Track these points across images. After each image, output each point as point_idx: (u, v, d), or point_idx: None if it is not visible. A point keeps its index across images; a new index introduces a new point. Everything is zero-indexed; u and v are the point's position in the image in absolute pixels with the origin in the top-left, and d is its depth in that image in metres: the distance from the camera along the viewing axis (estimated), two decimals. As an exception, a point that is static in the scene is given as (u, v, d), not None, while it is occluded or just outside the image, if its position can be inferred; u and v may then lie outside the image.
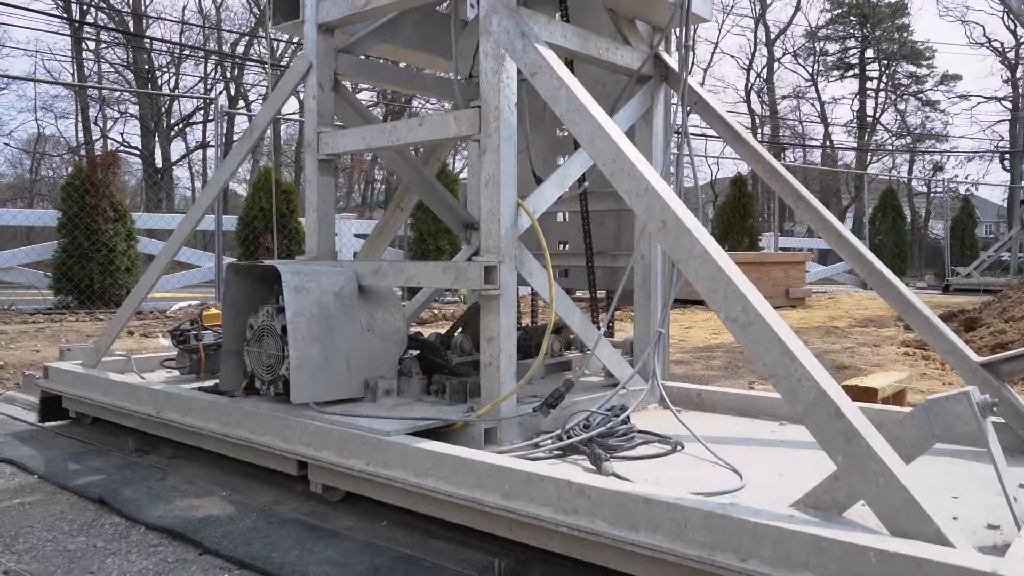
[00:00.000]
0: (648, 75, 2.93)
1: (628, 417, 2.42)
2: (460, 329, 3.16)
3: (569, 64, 3.08)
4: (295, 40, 33.84)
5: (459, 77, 2.79)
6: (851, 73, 49.92)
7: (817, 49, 48.97)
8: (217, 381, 2.83)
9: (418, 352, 2.84)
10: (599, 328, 3.31)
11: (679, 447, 2.34)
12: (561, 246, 3.38)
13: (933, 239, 40.39)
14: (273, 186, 10.13)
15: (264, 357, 2.56)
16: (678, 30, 2.85)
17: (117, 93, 34.52)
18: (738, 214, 14.74)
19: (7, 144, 41.96)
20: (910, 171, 45.57)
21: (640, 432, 2.45)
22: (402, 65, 3.71)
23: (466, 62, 2.82)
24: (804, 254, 11.41)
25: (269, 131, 26.31)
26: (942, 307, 11.17)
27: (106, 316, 8.47)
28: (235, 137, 34.62)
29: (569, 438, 2.31)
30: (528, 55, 2.22)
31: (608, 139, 2.00)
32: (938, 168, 42.95)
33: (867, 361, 5.45)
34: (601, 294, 3.28)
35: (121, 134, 34.79)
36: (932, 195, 45.71)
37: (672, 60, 2.96)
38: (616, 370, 2.79)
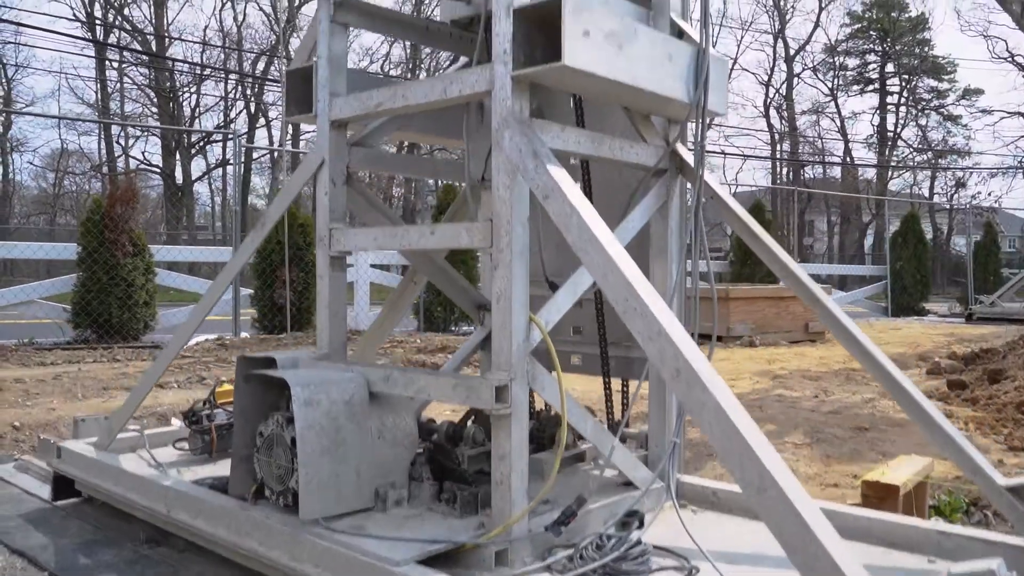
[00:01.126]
0: (664, 168, 2.90)
1: (641, 538, 2.37)
2: (472, 418, 3.13)
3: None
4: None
5: (471, 178, 2.77)
6: (871, 88, 49.63)
7: (836, 64, 48.74)
8: (229, 465, 2.80)
9: (430, 450, 2.81)
10: (613, 416, 3.27)
11: (695, 572, 2.29)
12: (575, 333, 3.35)
13: (956, 255, 39.96)
14: (286, 223, 10.16)
15: (274, 468, 2.54)
16: (693, 124, 2.81)
17: (140, 111, 34.97)
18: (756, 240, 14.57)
19: (31, 163, 42.59)
20: (931, 188, 45.14)
21: (656, 548, 2.40)
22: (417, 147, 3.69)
23: (478, 165, 2.80)
24: (825, 288, 11.27)
25: (287, 152, 26.49)
26: (966, 341, 11.01)
27: (124, 355, 8.52)
28: (254, 158, 34.93)
29: (582, 559, 2.27)
30: (540, 177, 2.19)
31: (620, 276, 1.96)
32: (960, 185, 42.51)
33: (888, 421, 5.36)
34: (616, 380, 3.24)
35: (143, 152, 35.15)
36: (954, 211, 45.26)
37: (687, 154, 2.92)
38: (632, 474, 2.75)
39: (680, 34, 2.92)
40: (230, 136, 29.83)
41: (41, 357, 8.19)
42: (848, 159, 46.80)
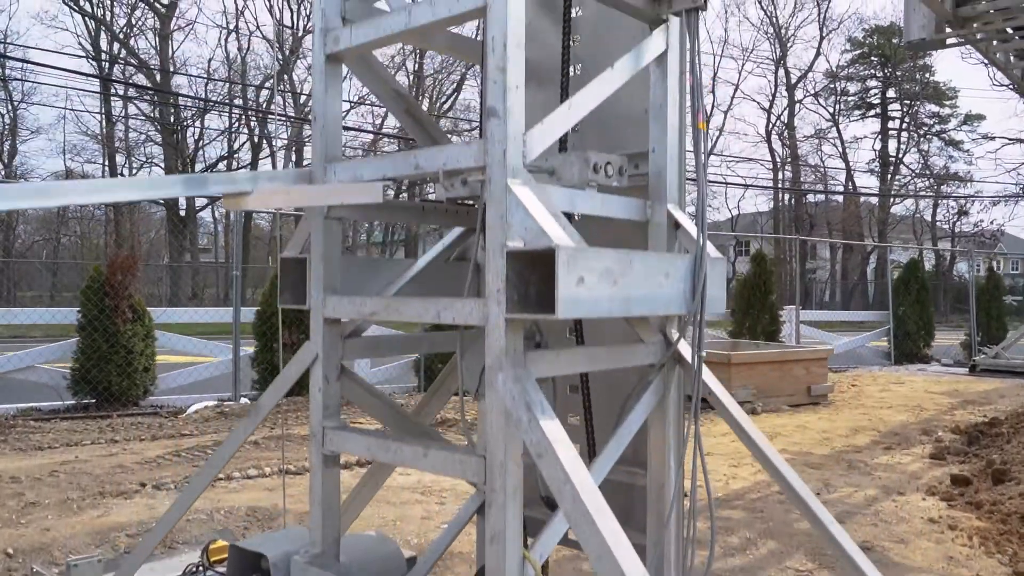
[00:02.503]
0: (662, 363, 2.86)
1: None
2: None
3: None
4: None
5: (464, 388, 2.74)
6: (872, 113, 49.75)
7: (838, 89, 48.88)
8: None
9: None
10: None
11: None
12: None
13: (959, 281, 39.85)
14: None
15: None
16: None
17: (143, 140, 35.12)
18: (759, 291, 14.59)
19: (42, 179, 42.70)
20: (934, 215, 45.13)
21: None
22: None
23: (473, 379, 2.77)
24: (826, 351, 11.24)
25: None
26: (970, 403, 10.94)
27: (122, 430, 8.48)
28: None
29: None
30: (533, 433, 2.16)
31: (615, 565, 1.92)
32: (963, 213, 42.49)
33: (890, 534, 5.29)
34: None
35: (146, 183, 35.13)
36: (957, 238, 45.21)
37: (686, 348, 2.88)
38: None
39: (676, 225, 2.90)
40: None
41: (40, 435, 8.16)
42: (850, 184, 46.85)
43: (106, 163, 34.93)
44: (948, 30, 8.75)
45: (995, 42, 9.52)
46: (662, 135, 2.90)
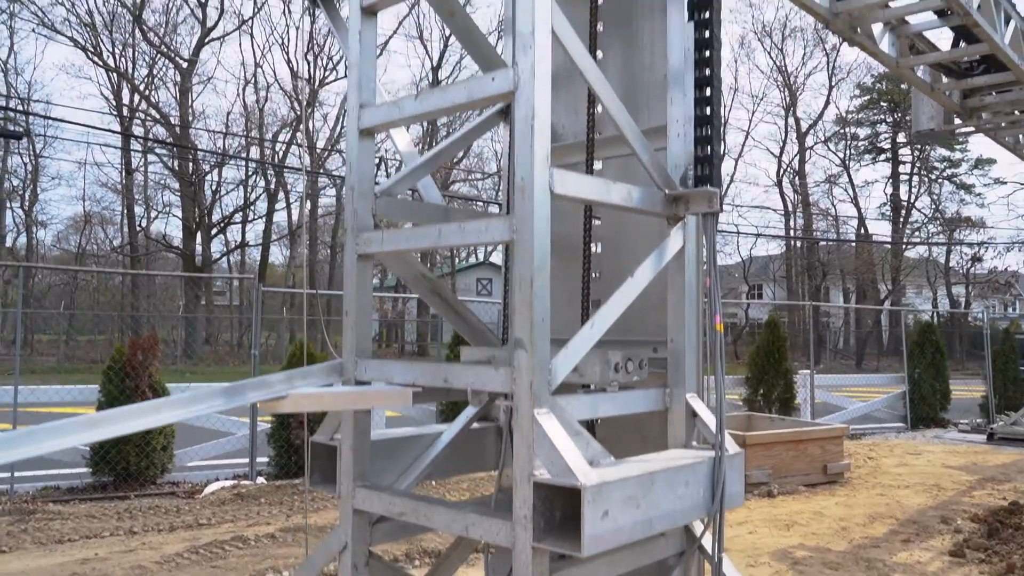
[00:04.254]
0: (684, 556, 2.93)
1: None
2: None
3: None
4: (327, 151, 34.85)
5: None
6: (883, 157, 49.91)
7: (848, 134, 49.11)
8: None
9: None
10: None
11: None
12: None
13: (974, 325, 39.60)
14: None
15: None
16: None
17: (161, 190, 35.68)
18: (772, 358, 14.59)
19: (59, 231, 43.33)
20: (947, 260, 44.99)
21: None
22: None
23: (499, 581, 2.85)
24: (841, 428, 11.21)
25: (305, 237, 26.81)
26: (990, 480, 10.84)
27: (141, 516, 8.55)
28: (272, 239, 35.46)
29: None
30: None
31: None
32: (976, 259, 42.34)
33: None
34: None
35: (163, 235, 35.71)
36: (972, 282, 44.99)
37: (708, 540, 2.94)
38: None
39: (694, 414, 2.98)
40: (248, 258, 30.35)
41: (60, 522, 8.24)
42: (862, 229, 46.85)
43: (124, 212, 35.46)
44: (956, 120, 8.88)
45: (1003, 124, 9.64)
46: (680, 325, 2.99)
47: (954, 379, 17.56)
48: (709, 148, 2.88)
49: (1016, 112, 9.05)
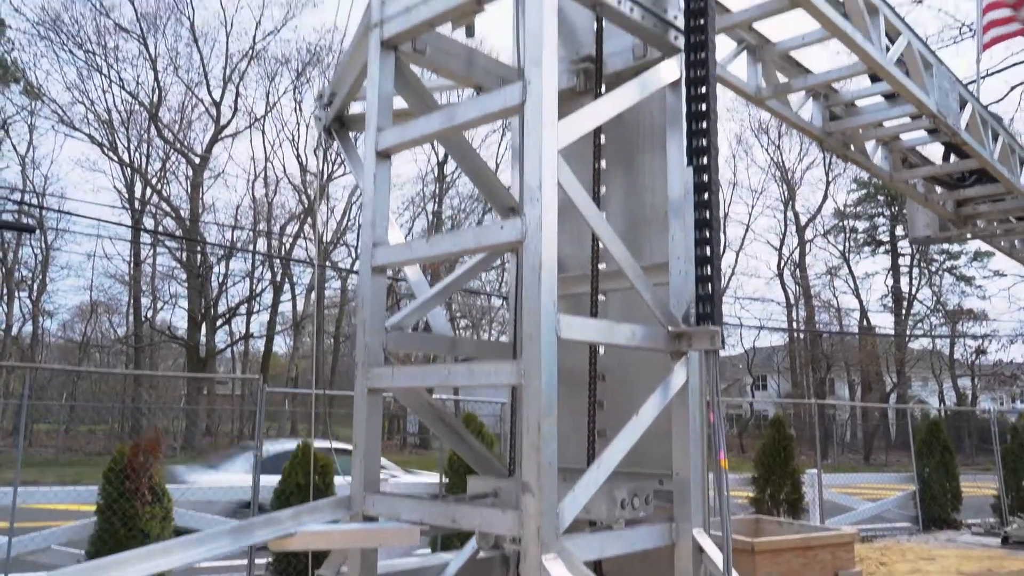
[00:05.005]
0: None
1: None
2: None
3: None
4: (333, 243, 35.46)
5: None
6: (882, 250, 50.38)
7: (847, 227, 49.75)
8: None
9: None
10: None
11: None
12: None
13: (982, 418, 39.12)
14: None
15: None
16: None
17: (168, 280, 36.07)
18: (779, 458, 14.40)
19: (64, 321, 43.59)
20: (951, 352, 44.86)
21: None
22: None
23: None
24: (851, 534, 10.97)
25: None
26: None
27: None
28: (276, 331, 35.61)
29: None
30: None
31: None
32: (981, 352, 42.22)
33: None
34: None
35: (168, 326, 35.88)
36: (979, 375, 44.70)
37: None
38: None
39: (701, 549, 2.98)
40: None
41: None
42: (865, 321, 46.90)
43: (131, 302, 35.71)
44: (952, 228, 9.07)
45: (998, 231, 9.83)
46: (685, 459, 3.03)
47: (965, 474, 17.25)
48: (710, 287, 2.97)
49: (1010, 219, 9.25)
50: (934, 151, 7.71)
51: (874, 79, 5.82)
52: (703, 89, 3.08)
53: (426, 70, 3.64)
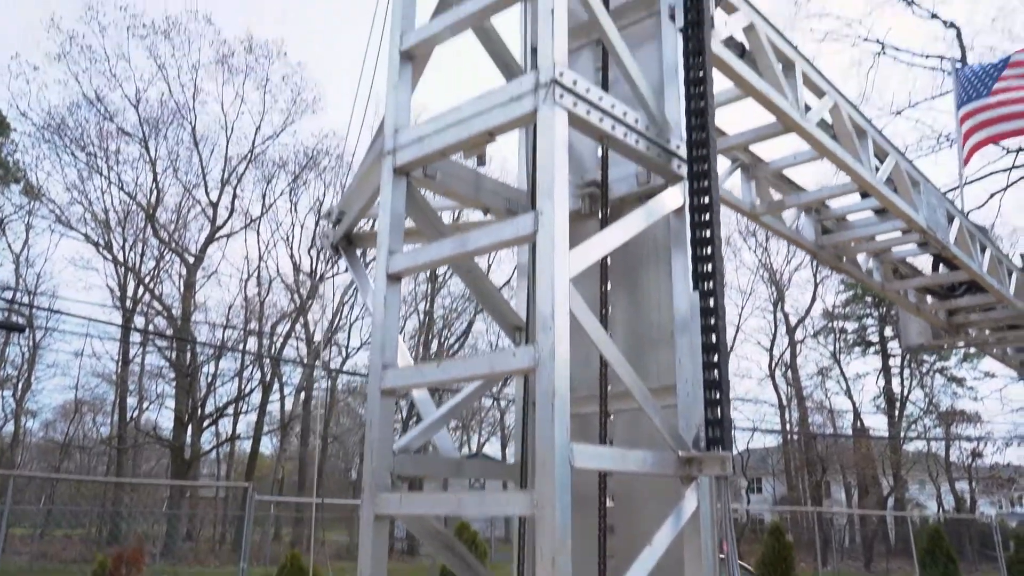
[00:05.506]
0: None
1: None
2: None
3: None
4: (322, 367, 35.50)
5: None
6: (872, 350, 50.53)
7: (836, 328, 50.03)
8: None
9: None
10: None
11: None
12: None
13: (983, 523, 38.33)
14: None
15: None
16: None
17: (155, 379, 35.67)
18: (779, 567, 14.05)
19: (47, 425, 42.76)
20: (947, 455, 44.41)
21: None
22: None
23: None
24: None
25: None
26: None
27: None
28: (264, 431, 35.04)
29: None
30: None
31: None
32: (977, 455, 41.83)
33: None
34: None
35: (154, 427, 35.28)
36: (976, 478, 44.11)
37: None
38: None
39: None
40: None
41: None
42: (859, 423, 46.57)
43: (116, 402, 35.20)
44: (945, 336, 9.16)
45: (990, 340, 9.92)
46: (698, 583, 2.95)
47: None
48: (719, 411, 2.98)
49: (1002, 328, 9.36)
50: (925, 260, 7.87)
51: (864, 195, 6.00)
52: (707, 216, 3.17)
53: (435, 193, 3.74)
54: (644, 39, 3.79)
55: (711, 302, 3.09)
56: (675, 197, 3.28)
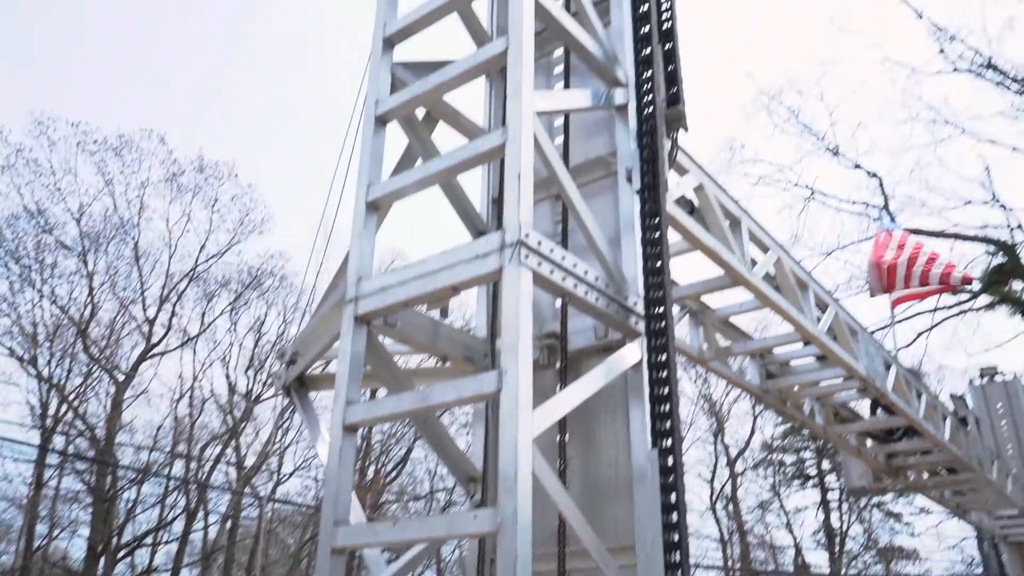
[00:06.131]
0: None
1: None
2: None
3: None
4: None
5: None
6: (811, 484, 50.70)
7: (775, 461, 50.27)
8: None
9: None
10: None
11: None
12: None
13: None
14: None
15: None
16: None
17: (70, 504, 33.48)
18: None
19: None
20: (888, 595, 44.02)
21: None
22: None
23: None
24: None
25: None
26: None
27: None
28: (186, 560, 32.90)
29: None
30: None
31: None
32: (916, 593, 41.59)
33: None
34: None
35: (64, 556, 32.88)
36: (917, 619, 43.58)
37: None
38: None
39: None
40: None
41: None
42: (800, 559, 46.09)
43: (24, 529, 32.79)
44: (886, 478, 9.28)
45: (929, 483, 10.08)
46: None
47: None
48: (679, 553, 2.92)
49: (939, 471, 9.54)
50: (866, 404, 8.07)
51: (807, 342, 6.19)
52: (664, 373, 3.21)
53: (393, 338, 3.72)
54: (602, 191, 3.96)
55: (670, 460, 3.08)
56: (633, 353, 3.32)
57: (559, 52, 4.36)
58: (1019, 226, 19.58)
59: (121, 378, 32.54)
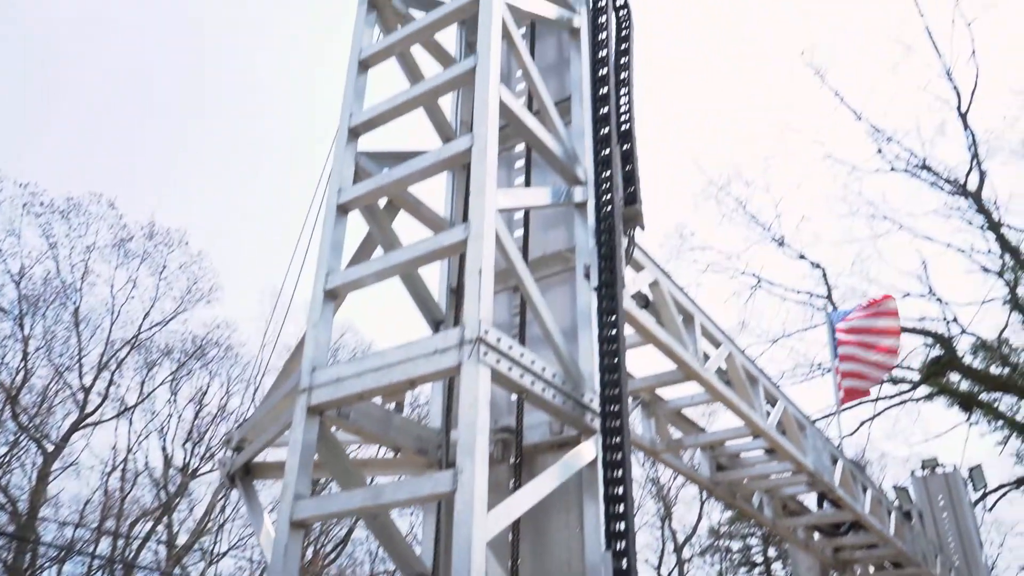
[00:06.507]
0: None
1: None
2: None
3: None
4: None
5: None
6: (758, 572, 50.31)
7: (722, 547, 49.88)
8: None
9: None
10: None
11: None
12: None
13: None
14: None
15: None
16: None
17: (-16, 584, 31.35)
18: None
19: None
20: None
21: None
22: None
23: None
24: None
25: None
26: None
27: None
28: (105, 648, 30.85)
29: None
30: None
31: None
32: None
33: None
34: None
35: (-29, 641, 30.60)
36: None
37: None
38: None
39: None
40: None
41: None
42: (748, 651, 45.30)
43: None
44: (832, 572, 9.27)
45: (875, 576, 10.08)
46: None
47: None
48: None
49: (885, 565, 9.57)
50: (813, 497, 8.11)
51: (757, 435, 6.25)
52: (619, 472, 3.20)
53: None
54: (559, 284, 4.00)
55: (624, 563, 3.04)
56: (589, 450, 3.31)
57: (521, 147, 4.46)
58: (954, 319, 20.31)
59: (50, 448, 31.05)
